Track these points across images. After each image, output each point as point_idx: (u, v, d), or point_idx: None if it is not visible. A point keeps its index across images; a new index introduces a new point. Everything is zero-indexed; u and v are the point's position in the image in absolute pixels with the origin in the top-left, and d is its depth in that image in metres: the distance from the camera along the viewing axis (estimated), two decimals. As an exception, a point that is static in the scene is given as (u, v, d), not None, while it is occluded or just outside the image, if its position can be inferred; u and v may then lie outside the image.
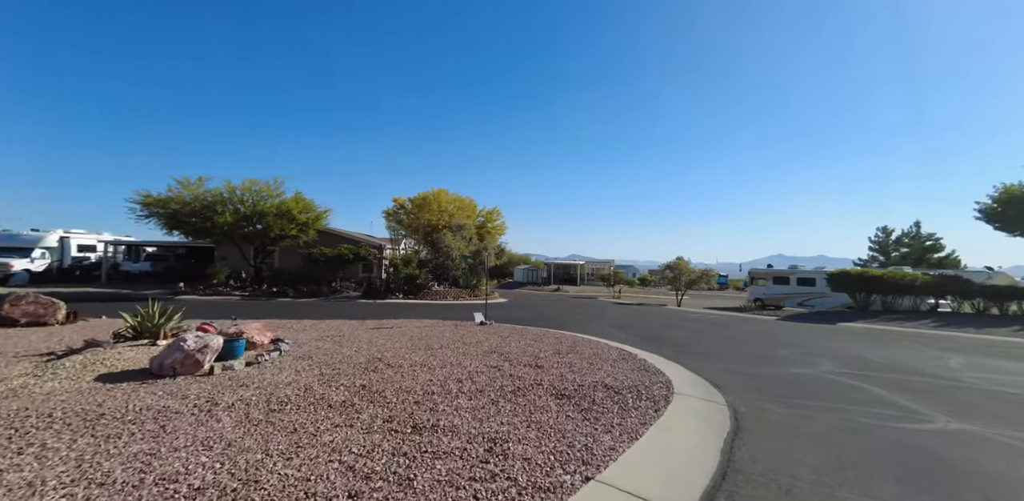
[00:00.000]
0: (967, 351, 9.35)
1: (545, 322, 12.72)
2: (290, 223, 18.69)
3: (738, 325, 13.64)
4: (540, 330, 10.41)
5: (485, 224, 33.69)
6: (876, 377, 6.43)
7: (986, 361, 8.14)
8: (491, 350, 7.09)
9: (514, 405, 4.04)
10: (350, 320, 11.25)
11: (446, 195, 31.97)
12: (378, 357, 6.03)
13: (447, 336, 8.57)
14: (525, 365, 5.96)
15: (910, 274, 15.97)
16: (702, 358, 7.76)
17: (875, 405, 4.97)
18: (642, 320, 14.50)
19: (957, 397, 5.41)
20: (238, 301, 17.03)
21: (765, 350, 8.79)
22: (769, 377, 6.31)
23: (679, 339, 10.11)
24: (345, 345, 7.03)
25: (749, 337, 10.73)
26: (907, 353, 8.83)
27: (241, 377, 4.55)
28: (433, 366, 5.58)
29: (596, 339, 9.32)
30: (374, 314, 13.27)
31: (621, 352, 7.66)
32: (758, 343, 9.72)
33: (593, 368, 6.09)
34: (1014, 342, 11.24)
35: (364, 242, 22.31)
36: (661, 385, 5.38)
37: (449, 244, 22.88)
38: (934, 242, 27.42)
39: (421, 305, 17.68)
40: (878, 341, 10.65)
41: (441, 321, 11.62)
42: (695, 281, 23.09)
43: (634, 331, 11.43)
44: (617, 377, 5.60)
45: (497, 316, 14.17)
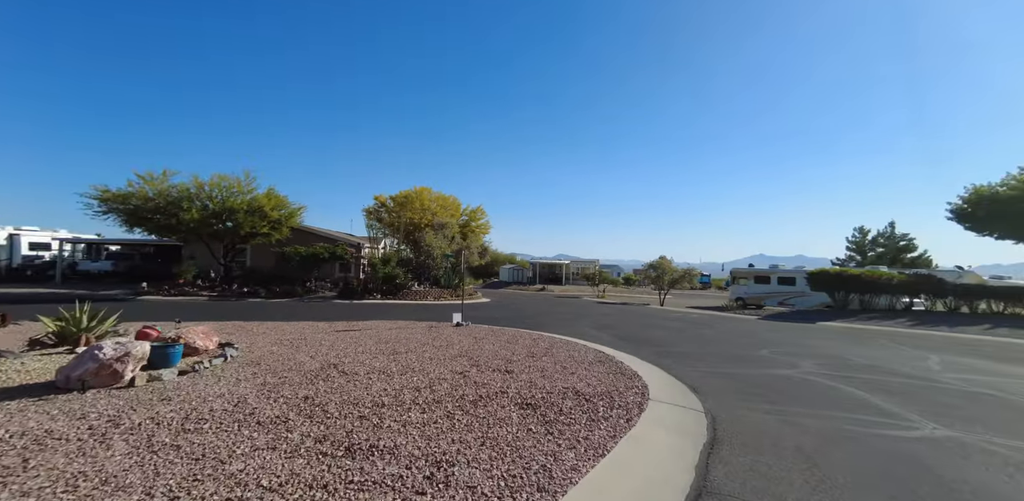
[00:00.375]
0: (942, 350, 9.34)
1: (525, 323, 12.36)
2: (262, 220, 17.89)
3: (719, 324, 13.52)
4: (518, 331, 10.03)
5: (469, 223, 33.18)
6: (857, 378, 6.25)
7: (961, 360, 8.10)
8: (461, 354, 6.67)
9: (472, 418, 3.64)
10: (319, 322, 10.68)
11: (429, 193, 31.35)
12: (334, 363, 5.55)
13: (418, 339, 8.12)
14: (494, 370, 5.56)
15: (887, 273, 16.17)
16: (682, 359, 7.49)
17: (858, 409, 4.73)
18: (624, 320, 14.27)
19: (938, 399, 5.24)
20: (205, 302, 16.19)
21: (745, 350, 8.59)
22: (749, 379, 6.06)
23: (660, 339, 9.86)
24: (302, 350, 6.51)
25: (730, 337, 10.56)
26: (886, 352, 8.74)
27: (168, 389, 4.02)
28: (392, 373, 5.13)
29: (574, 340, 8.99)
30: (347, 315, 12.70)
31: (598, 354, 7.33)
32: (739, 343, 9.53)
33: (566, 372, 5.74)
34: (985, 340, 11.36)
35: (341, 240, 21.58)
36: (636, 391, 5.05)
37: (430, 243, 22.33)
38: (907, 242, 28.10)
39: (399, 305, 17.12)
40: (857, 340, 10.60)
41: (416, 322, 11.14)
42: (678, 280, 23.07)
43: (615, 331, 11.15)
44: (591, 382, 5.25)
45: (477, 317, 13.76)
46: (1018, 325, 13.45)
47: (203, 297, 17.38)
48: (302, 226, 21.37)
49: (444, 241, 24.10)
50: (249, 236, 18.48)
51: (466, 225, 32.87)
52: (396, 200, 31.52)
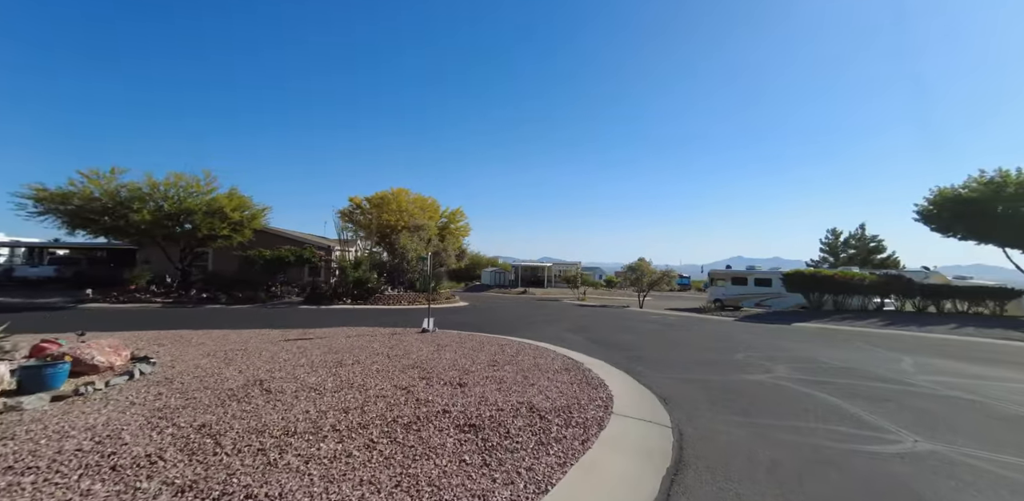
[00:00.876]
0: (914, 351, 9.24)
1: (499, 327, 11.84)
2: (222, 222, 16.85)
3: (696, 327, 13.28)
4: (488, 337, 9.50)
5: (448, 225, 32.48)
6: (833, 383, 5.94)
7: (933, 361, 7.96)
8: (415, 364, 6.08)
9: (397, 447, 3.08)
10: (273, 329, 9.90)
11: (406, 195, 30.55)
12: (262, 379, 4.89)
13: (374, 347, 7.48)
14: (445, 384, 5.01)
15: (859, 274, 16.31)
16: (654, 365, 7.09)
17: (835, 420, 4.37)
18: (600, 322, 13.89)
19: (915, 405, 4.94)
20: (156, 309, 15.06)
21: (721, 354, 8.27)
22: (722, 386, 5.68)
23: (634, 343, 9.48)
24: (235, 363, 5.81)
25: (705, 340, 10.27)
26: (860, 355, 8.56)
27: (22, 421, 3.29)
28: (325, 390, 4.51)
29: (544, 345, 8.51)
30: (308, 322, 11.90)
31: (566, 361, 6.86)
32: (714, 346, 9.23)
33: (527, 383, 5.23)
34: (953, 340, 11.41)
35: (310, 243, 20.64)
36: (600, 403, 4.58)
37: (404, 245, 21.58)
38: (877, 243, 28.86)
39: (369, 311, 16.34)
40: (831, 342, 10.46)
41: (380, 329, 10.46)
42: (656, 282, 22.95)
43: (589, 334, 10.73)
44: (550, 394, 4.76)
45: (450, 321, 13.15)
46: (982, 324, 13.66)
47: (156, 304, 16.21)
48: (267, 228, 20.35)
49: (420, 243, 23.38)
50: (208, 238, 17.39)
51: (445, 227, 32.17)
52: (372, 202, 30.60)
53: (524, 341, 9.00)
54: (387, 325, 11.44)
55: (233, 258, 19.90)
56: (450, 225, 32.41)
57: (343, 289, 19.00)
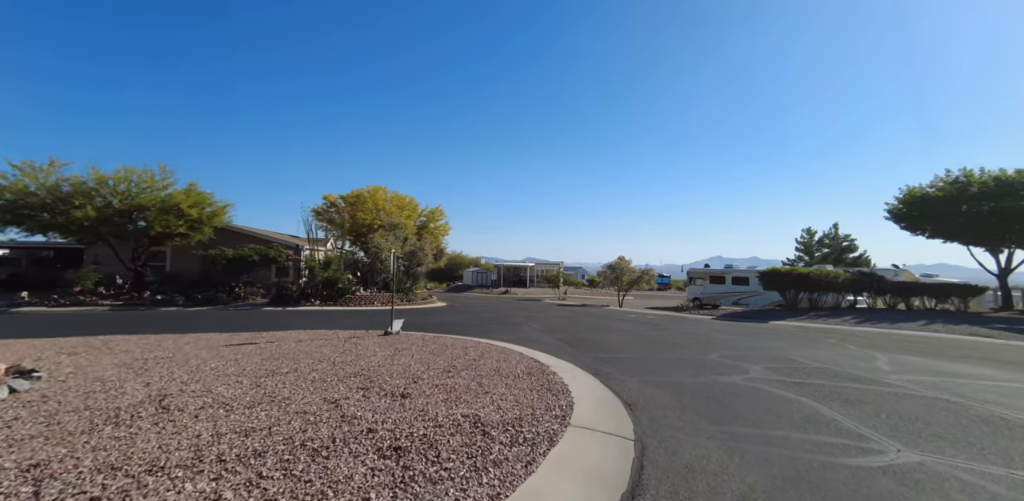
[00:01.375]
0: (887, 348, 9.10)
1: (472, 328, 11.27)
2: (178, 219, 15.75)
3: (673, 326, 12.99)
4: (455, 339, 8.92)
5: (427, 224, 31.68)
6: (809, 385, 5.60)
7: (907, 359, 7.77)
8: (360, 371, 5.46)
9: (289, 483, 2.48)
10: (221, 333, 9.09)
11: (383, 193, 29.67)
12: (168, 394, 4.19)
13: (323, 353, 6.80)
14: (385, 395, 4.41)
15: (834, 272, 16.39)
16: (626, 366, 6.64)
17: (813, 427, 3.97)
18: (577, 322, 13.46)
19: (896, 409, 4.61)
20: (103, 312, 13.91)
21: (696, 354, 7.90)
22: (695, 390, 5.25)
23: (608, 343, 9.05)
24: (148, 374, 5.07)
25: (681, 339, 9.93)
26: (835, 353, 8.32)
27: None
28: (238, 406, 3.86)
29: (513, 347, 7.99)
30: (266, 325, 11.08)
31: (531, 365, 6.34)
32: (689, 346, 8.87)
33: (481, 391, 4.68)
34: (924, 336, 11.42)
35: (277, 242, 19.59)
36: (557, 413, 4.07)
37: (378, 244, 20.75)
38: (849, 243, 29.46)
39: (338, 312, 15.51)
40: (807, 340, 10.26)
41: (340, 332, 9.75)
42: (636, 281, 22.75)
43: (563, 335, 10.26)
44: (504, 404, 4.22)
45: (422, 322, 12.52)
46: (949, 320, 13.81)
47: (103, 307, 15.01)
48: (230, 226, 19.22)
49: (396, 242, 22.57)
50: (163, 237, 16.24)
51: (424, 226, 31.36)
52: (347, 200, 29.59)
53: (492, 343, 8.45)
54: (351, 327, 10.73)
55: (194, 258, 18.71)
56: (429, 224, 31.62)
57: (312, 290, 18.07)
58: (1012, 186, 15.46)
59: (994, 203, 15.73)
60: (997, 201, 15.64)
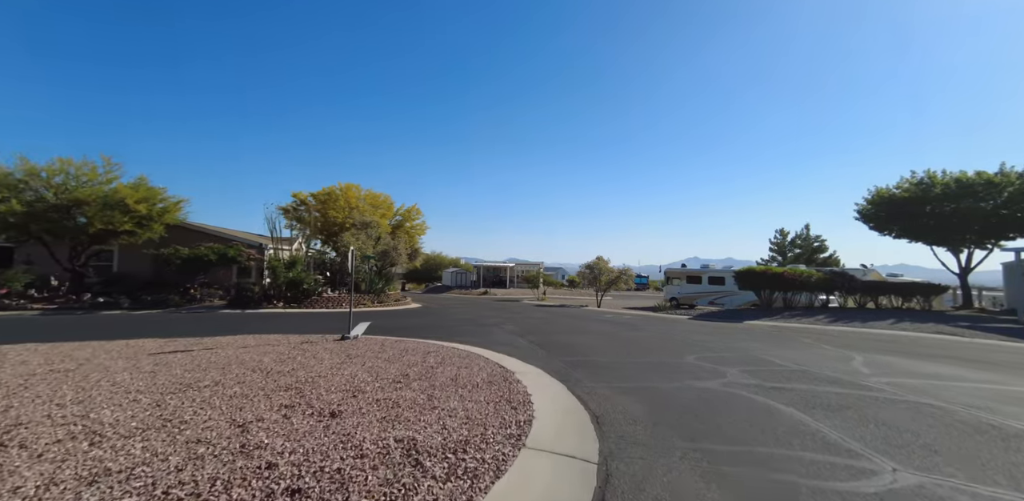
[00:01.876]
0: (862, 348, 8.94)
1: (443, 330, 10.60)
2: (123, 216, 14.43)
3: (649, 326, 12.66)
4: (419, 343, 8.25)
5: (403, 223, 30.73)
6: (789, 390, 5.22)
7: (883, 359, 7.58)
8: (293, 384, 4.75)
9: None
10: (159, 339, 8.15)
11: (356, 191, 28.57)
12: (27, 421, 3.38)
13: (261, 362, 6.04)
14: (312, 414, 3.75)
15: (807, 271, 16.49)
16: (598, 371, 6.15)
17: (798, 442, 3.54)
18: (553, 323, 12.97)
19: (880, 416, 4.25)
20: (32, 317, 12.54)
21: (671, 356, 7.49)
22: (670, 397, 4.79)
23: (581, 345, 8.56)
24: (19, 394, 4.21)
25: (657, 340, 9.54)
26: (812, 354, 8.07)
27: None
28: (109, 436, 3.11)
29: (479, 352, 7.39)
30: (215, 329, 10.10)
31: (495, 372, 5.76)
32: (665, 347, 8.47)
33: (429, 406, 4.07)
34: (893, 335, 11.43)
35: (239, 240, 18.37)
36: (512, 431, 3.51)
37: (348, 243, 19.76)
38: (820, 243, 30.20)
39: (300, 315, 14.55)
40: (783, 340, 10.05)
41: (293, 337, 8.93)
42: (614, 281, 22.51)
43: (536, 337, 9.73)
44: (451, 423, 3.62)
45: (390, 325, 11.75)
46: (916, 319, 13.99)
47: (33, 311, 13.58)
48: (186, 223, 17.90)
49: (368, 241, 21.62)
50: (106, 235, 14.87)
51: (399, 226, 30.40)
52: (318, 197, 28.38)
53: (458, 347, 7.83)
54: (309, 331, 9.89)
55: (146, 257, 17.31)
56: (405, 223, 30.67)
57: (275, 291, 16.99)
58: (971, 187, 15.90)
59: (955, 204, 16.16)
60: (958, 202, 16.07)
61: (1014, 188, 15.34)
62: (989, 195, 15.66)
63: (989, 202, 15.80)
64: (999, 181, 15.64)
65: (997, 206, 15.50)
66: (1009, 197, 15.39)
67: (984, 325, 12.64)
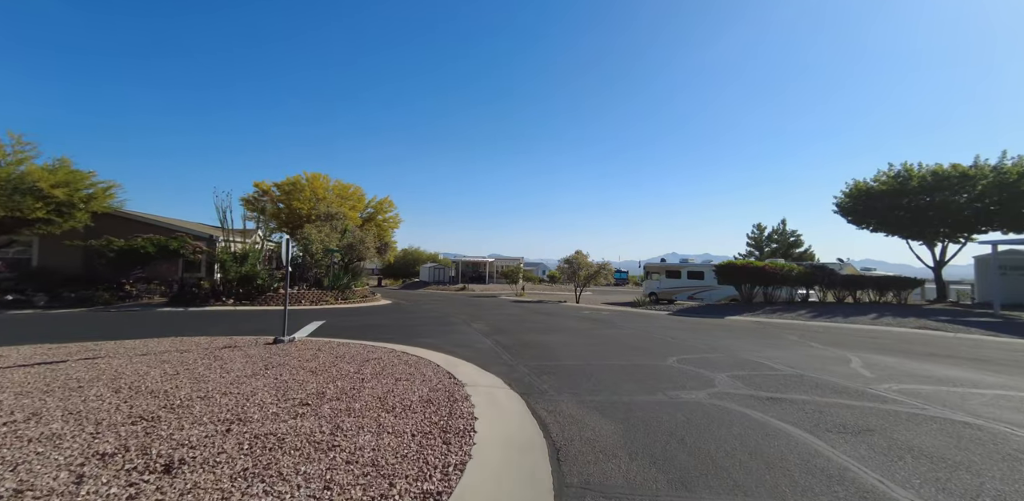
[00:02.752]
0: (853, 346, 8.26)
1: (400, 331, 9.43)
2: (35, 202, 12.55)
3: (628, 323, 11.80)
4: (365, 347, 7.07)
5: (375, 216, 29.10)
6: (789, 402, 4.33)
7: (880, 360, 6.85)
8: (154, 411, 3.54)
9: None
10: (42, 345, 6.70)
11: (324, 181, 26.77)
12: None
13: (145, 377, 4.75)
14: (134, 469, 2.56)
15: (788, 265, 16.02)
16: (567, 379, 5.15)
17: (822, 486, 2.59)
18: (526, 321, 11.95)
19: (916, 443, 3.36)
20: (-82, 318, 10.66)
21: (652, 358, 6.56)
22: (650, 416, 3.82)
23: (553, 346, 7.56)
24: None
25: (637, 339, 8.63)
26: (804, 354, 7.30)
27: None
28: None
29: (432, 357, 6.28)
30: (131, 332, 8.60)
31: (440, 385, 4.67)
32: (644, 348, 7.56)
33: (326, 445, 2.94)
34: (880, 331, 10.90)
35: (184, 232, 16.57)
36: (431, 487, 2.42)
37: (308, 236, 18.21)
38: (796, 238, 30.28)
39: (247, 313, 13.05)
40: (769, 338, 9.31)
41: (220, 339, 7.61)
42: (593, 276, 21.70)
43: (505, 336, 8.69)
44: (339, 477, 2.51)
45: (347, 324, 10.49)
46: (896, 313, 13.65)
47: (-77, 311, 11.64)
48: (122, 212, 16.00)
49: (334, 234, 20.06)
50: (15, 223, 12.95)
51: (371, 218, 28.78)
52: (282, 187, 26.47)
53: (410, 352, 6.69)
54: (247, 332, 8.57)
55: (74, 250, 15.33)
56: (377, 216, 29.04)
57: (225, 287, 15.35)
58: (947, 180, 15.69)
59: (931, 197, 15.94)
60: (934, 195, 15.85)
61: (987, 181, 15.19)
62: (964, 188, 15.49)
63: (963, 195, 15.64)
64: (973, 174, 15.48)
65: (971, 199, 15.34)
66: (983, 190, 15.25)
67: (964, 319, 12.33)
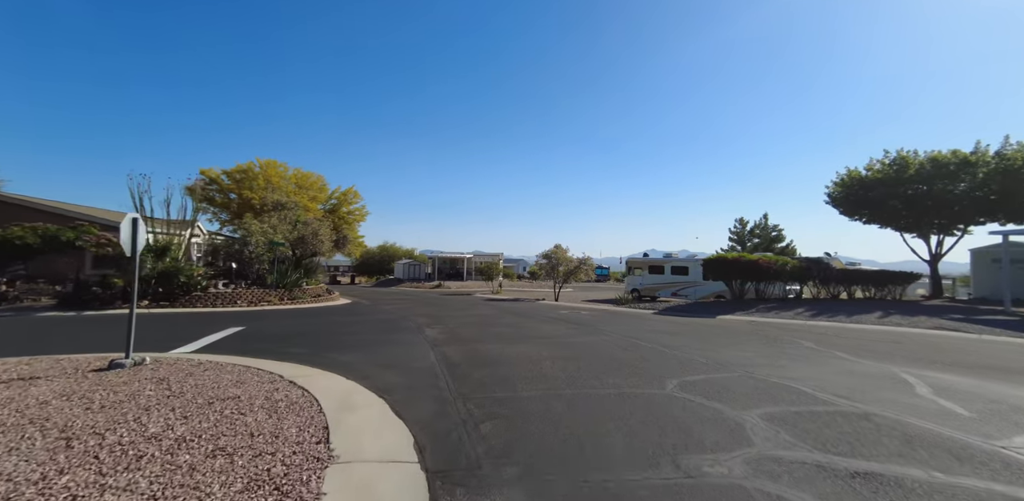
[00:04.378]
0: (889, 356, 6.54)
1: (324, 342, 7.28)
2: None
3: (610, 326, 9.91)
4: (246, 370, 4.93)
5: (339, 208, 26.44)
6: (893, 484, 2.43)
7: (946, 379, 5.11)
8: None
9: None
10: None
11: (283, 169, 23.98)
12: None
13: None
14: None
15: (782, 259, 14.48)
16: (520, 432, 3.16)
17: None
18: (493, 325, 9.91)
19: None
20: None
21: (643, 383, 4.61)
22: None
23: (514, 363, 5.55)
24: None
25: (621, 349, 6.70)
26: (841, 372, 5.49)
27: None
28: None
29: (328, 388, 4.16)
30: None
31: (274, 474, 2.55)
32: (632, 363, 5.61)
33: None
34: (896, 333, 9.34)
35: (86, 220, 13.77)
36: None
37: (248, 227, 15.65)
38: (778, 233, 29.26)
39: (160, 318, 10.59)
40: (780, 345, 7.54)
41: (60, 359, 5.26)
42: (574, 271, 19.87)
43: (457, 349, 6.63)
44: None
45: (264, 333, 8.23)
46: (903, 310, 12.23)
47: None
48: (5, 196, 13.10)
49: (283, 226, 17.49)
50: None
51: (334, 210, 26.12)
52: (232, 176, 23.55)
53: (302, 380, 4.55)
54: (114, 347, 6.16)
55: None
56: (341, 208, 26.39)
57: (140, 286, 12.72)
58: (946, 167, 14.41)
59: (929, 186, 14.66)
60: (932, 183, 14.56)
61: (989, 168, 13.98)
62: (963, 176, 14.23)
63: (961, 184, 14.39)
64: (975, 160, 14.24)
65: (972, 187, 14.09)
66: (984, 178, 14.03)
67: (978, 318, 10.95)
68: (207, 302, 13.48)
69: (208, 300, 13.56)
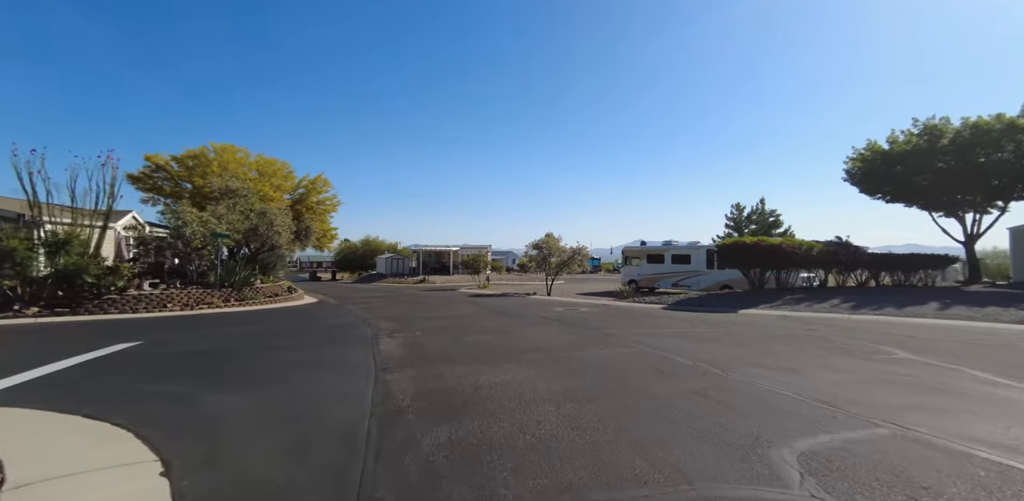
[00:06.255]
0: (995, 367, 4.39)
1: (237, 364, 4.79)
2: None
3: (619, 327, 7.65)
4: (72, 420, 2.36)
5: (307, 197, 23.54)
6: None
7: None
8: None
9: None
10: None
11: (237, 154, 20.95)
12: None
13: None
14: None
15: (808, 243, 12.37)
16: None
17: None
18: (472, 331, 7.52)
19: None
20: None
21: (718, 454, 2.29)
22: None
23: (498, 410, 3.16)
24: None
25: (651, 374, 4.40)
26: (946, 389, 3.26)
27: None
28: None
29: None
30: None
31: None
32: (683, 410, 3.31)
33: None
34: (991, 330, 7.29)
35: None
36: None
37: (181, 214, 12.87)
38: (775, 218, 27.50)
39: (42, 329, 7.92)
40: (866, 358, 5.35)
41: None
42: (566, 262, 17.61)
43: (415, 374, 4.22)
44: None
45: (167, 350, 5.58)
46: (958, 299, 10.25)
47: None
48: None
49: (231, 215, 14.71)
50: None
51: (302, 200, 23.23)
52: (183, 162, 20.47)
53: (119, 439, 2.05)
54: None
55: None
56: (310, 197, 23.49)
57: (30, 289, 9.97)
58: (988, 133, 12.41)
59: (965, 157, 12.67)
60: (969, 154, 12.56)
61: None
62: (1008, 143, 12.24)
63: (1004, 153, 12.42)
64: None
65: (1019, 156, 12.12)
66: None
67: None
68: (125, 307, 10.78)
69: (127, 304, 10.86)
